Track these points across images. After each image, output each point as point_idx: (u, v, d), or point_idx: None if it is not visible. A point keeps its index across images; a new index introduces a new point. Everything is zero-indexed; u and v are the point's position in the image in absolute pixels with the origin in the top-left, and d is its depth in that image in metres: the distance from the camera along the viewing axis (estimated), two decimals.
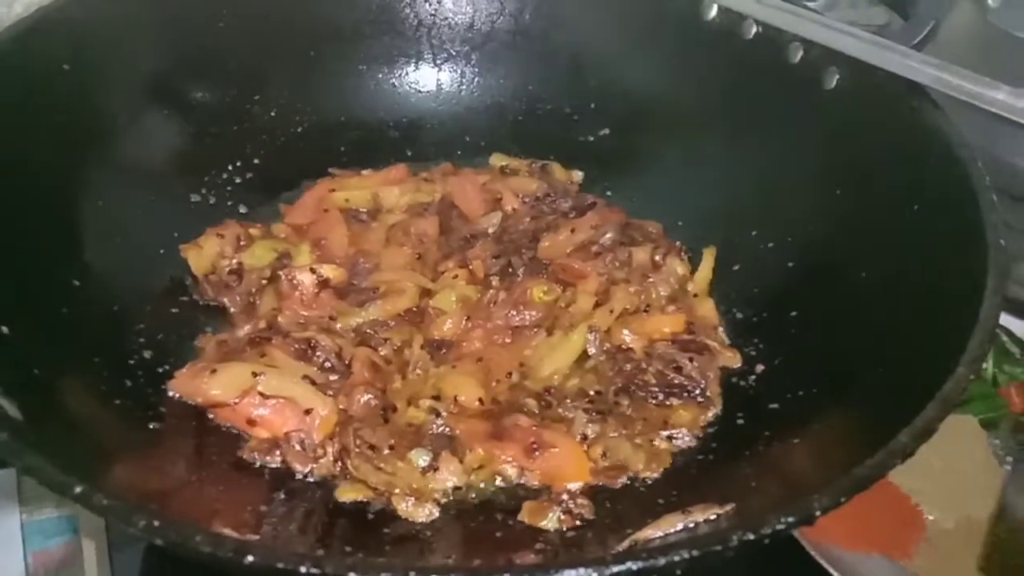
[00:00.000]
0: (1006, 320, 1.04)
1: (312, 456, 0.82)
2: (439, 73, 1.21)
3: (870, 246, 0.88)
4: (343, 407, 0.85)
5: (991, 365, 1.04)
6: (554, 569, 0.54)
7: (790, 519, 0.57)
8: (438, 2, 1.19)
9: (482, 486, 0.82)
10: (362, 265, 1.01)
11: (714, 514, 0.70)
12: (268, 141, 1.13)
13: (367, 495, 0.80)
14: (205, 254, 0.99)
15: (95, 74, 0.98)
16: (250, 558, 0.54)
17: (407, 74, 1.20)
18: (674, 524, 0.70)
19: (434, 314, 0.96)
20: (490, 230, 1.07)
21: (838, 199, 0.94)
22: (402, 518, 0.78)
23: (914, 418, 0.63)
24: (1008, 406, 1.01)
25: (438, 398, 0.87)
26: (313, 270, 0.96)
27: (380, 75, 1.20)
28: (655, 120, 1.12)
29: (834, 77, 0.96)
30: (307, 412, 0.83)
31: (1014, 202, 0.99)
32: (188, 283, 0.99)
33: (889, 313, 0.81)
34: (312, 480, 0.82)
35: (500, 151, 1.17)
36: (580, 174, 1.15)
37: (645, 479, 0.83)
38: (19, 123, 0.89)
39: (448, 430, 0.85)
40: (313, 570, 0.53)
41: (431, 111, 1.20)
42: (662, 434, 0.86)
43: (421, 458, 0.82)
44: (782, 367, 0.90)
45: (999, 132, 0.87)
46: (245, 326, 0.93)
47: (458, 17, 1.20)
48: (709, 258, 1.03)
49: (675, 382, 0.90)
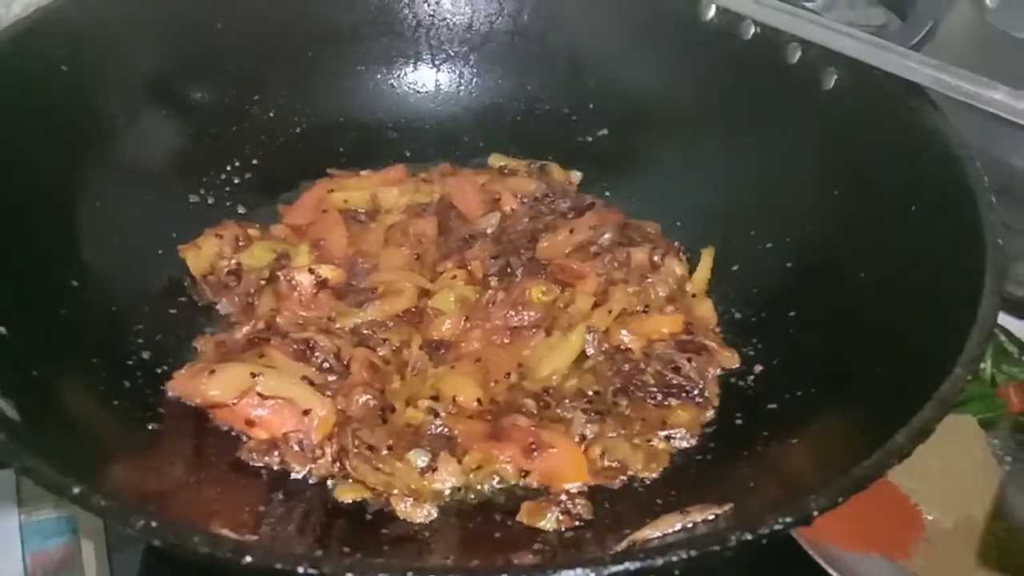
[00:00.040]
0: (1004, 320, 1.04)
1: (310, 456, 0.82)
2: (437, 74, 1.21)
3: (868, 246, 0.88)
4: (341, 407, 0.85)
5: (989, 365, 1.04)
6: (552, 569, 0.54)
7: (787, 519, 0.57)
8: (436, 3, 1.19)
9: (480, 487, 0.82)
10: (361, 265, 1.01)
11: (712, 514, 0.70)
12: (267, 142, 1.13)
13: (365, 495, 0.80)
14: (204, 255, 0.99)
15: (93, 75, 0.98)
16: (248, 559, 0.54)
17: (406, 75, 1.20)
18: (672, 524, 0.70)
19: (433, 314, 0.96)
20: (489, 230, 1.07)
21: (836, 199, 0.94)
22: (400, 518, 0.78)
23: (911, 418, 0.63)
24: (1007, 406, 1.01)
25: (437, 398, 0.87)
26: (312, 271, 0.96)
27: (379, 76, 1.20)
28: (653, 120, 1.12)
29: (832, 77, 0.96)
30: (305, 413, 0.83)
31: (1012, 202, 0.99)
32: (187, 284, 0.99)
33: (887, 313, 0.81)
34: (310, 481, 0.82)
35: (499, 151, 1.17)
36: (579, 174, 1.15)
37: (643, 479, 0.83)
38: (18, 124, 0.89)
39: (447, 430, 0.85)
40: (311, 570, 0.53)
41: (430, 112, 1.20)
42: (660, 434, 0.86)
43: (420, 458, 0.82)
44: (780, 367, 0.90)
45: (997, 132, 0.87)
46: (244, 327, 0.93)
47: (456, 18, 1.20)
48: (707, 258, 1.03)
49: (673, 382, 0.90)
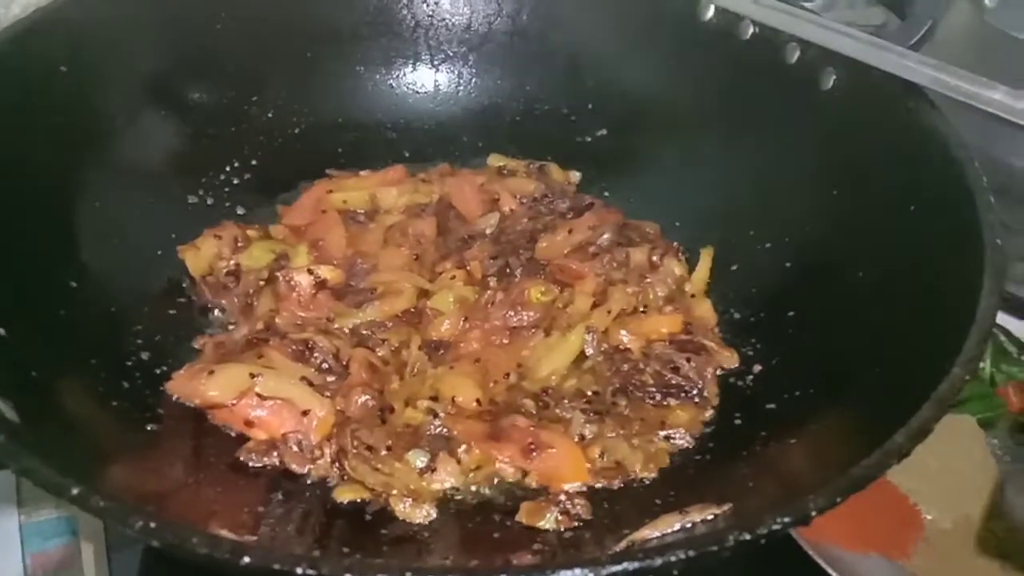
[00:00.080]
0: (1004, 319, 1.04)
1: (310, 457, 0.82)
2: (436, 74, 1.21)
3: (867, 246, 0.88)
4: (340, 408, 0.85)
5: (989, 364, 1.04)
6: (551, 569, 0.54)
7: (786, 519, 0.57)
8: (435, 3, 1.19)
9: (479, 487, 0.82)
10: (360, 266, 1.01)
11: (711, 514, 0.70)
12: (266, 142, 1.13)
13: (365, 496, 0.80)
14: (203, 255, 0.99)
15: (93, 75, 0.98)
16: (246, 559, 0.54)
17: (404, 75, 1.20)
18: (671, 524, 0.70)
19: (432, 315, 0.96)
20: (488, 231, 1.07)
21: (835, 199, 0.94)
22: (400, 519, 0.78)
23: (910, 418, 0.63)
24: (1006, 405, 1.01)
25: (436, 399, 0.87)
26: (311, 271, 0.96)
27: (377, 76, 1.19)
28: (652, 121, 1.12)
29: (831, 77, 0.96)
30: (305, 413, 0.83)
31: (1011, 202, 0.99)
32: (186, 284, 0.99)
33: (886, 313, 0.81)
34: (310, 481, 0.82)
35: (498, 152, 1.17)
36: (577, 175, 1.15)
37: (643, 479, 0.83)
38: (17, 124, 0.89)
39: (446, 431, 0.84)
40: (309, 571, 0.53)
41: (429, 112, 1.20)
42: (660, 434, 0.86)
43: (419, 459, 0.82)
44: (779, 367, 0.90)
45: (996, 132, 0.87)
46: (243, 327, 0.93)
47: (455, 18, 1.20)
48: (706, 258, 1.03)
49: (672, 382, 0.90)
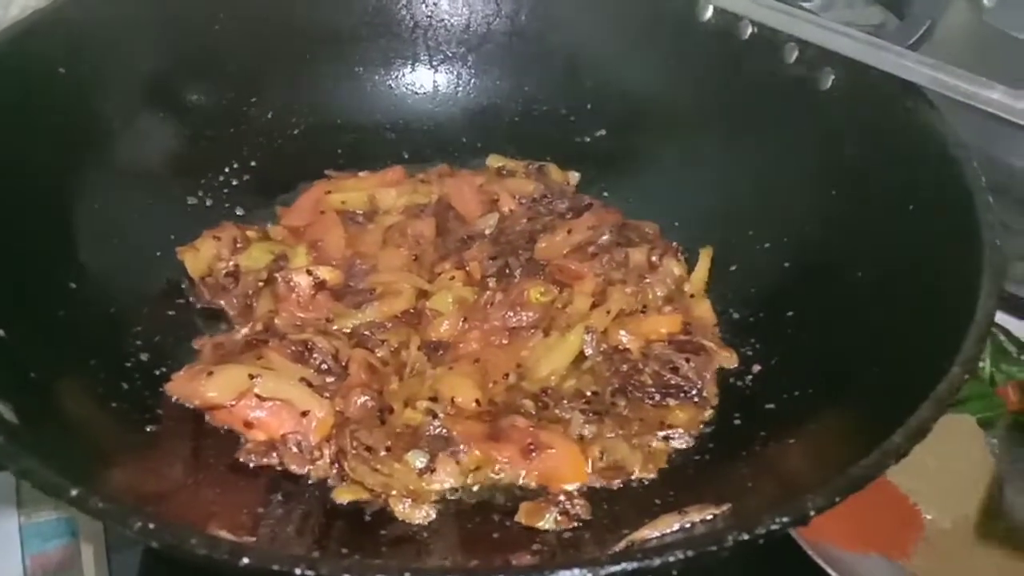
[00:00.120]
0: (1004, 319, 1.04)
1: (309, 458, 0.82)
2: (435, 75, 1.21)
3: (866, 246, 0.88)
4: (340, 409, 0.85)
5: (988, 364, 1.03)
6: (550, 570, 0.54)
7: (785, 519, 0.57)
8: (434, 4, 1.19)
9: (479, 487, 0.82)
10: (359, 267, 1.01)
11: (710, 514, 0.70)
12: (264, 143, 1.13)
13: (364, 496, 0.80)
14: (202, 256, 0.99)
15: (92, 76, 0.98)
16: (245, 560, 0.54)
17: (403, 76, 1.20)
18: (670, 524, 0.70)
19: (431, 315, 0.96)
20: (487, 231, 1.07)
21: (834, 199, 0.94)
22: (399, 519, 0.78)
23: (909, 418, 0.63)
24: (1006, 405, 1.01)
25: (435, 399, 0.87)
26: (310, 272, 0.96)
27: (376, 77, 1.19)
28: (651, 121, 1.12)
29: (829, 77, 0.96)
30: (304, 414, 0.83)
31: (1010, 202, 0.99)
32: (185, 286, 0.99)
33: (885, 313, 0.81)
34: (309, 482, 0.82)
35: (497, 152, 1.17)
36: (577, 175, 1.15)
37: (642, 479, 0.83)
38: (16, 125, 0.89)
39: (445, 431, 0.84)
40: (308, 572, 0.53)
41: (427, 113, 1.20)
42: (659, 434, 0.86)
43: (418, 459, 0.82)
44: (778, 367, 0.90)
45: (995, 132, 0.87)
46: (242, 328, 0.93)
47: (454, 19, 1.20)
48: (705, 258, 1.03)
49: (672, 382, 0.90)
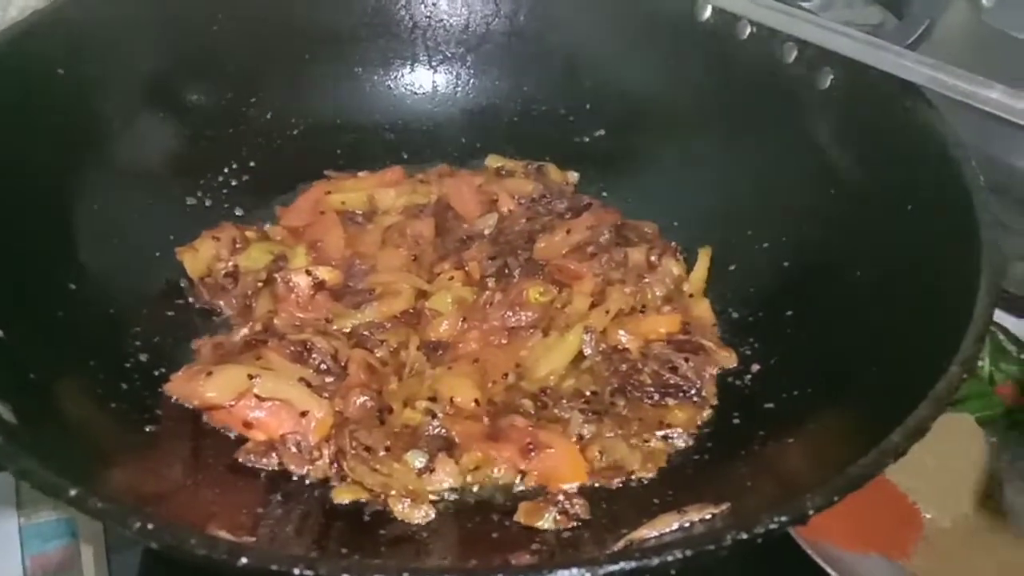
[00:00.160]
0: (1002, 318, 1.04)
1: (308, 458, 0.82)
2: (434, 75, 1.21)
3: (865, 246, 0.88)
4: (339, 409, 0.85)
5: (988, 363, 1.03)
6: (549, 569, 0.54)
7: (783, 518, 0.57)
8: (433, 4, 1.19)
9: (478, 487, 0.82)
10: (358, 267, 1.01)
11: (709, 514, 0.70)
12: (264, 144, 1.13)
13: (363, 497, 0.80)
14: (201, 257, 0.99)
15: (91, 77, 0.98)
16: (244, 560, 0.54)
17: (402, 76, 1.20)
18: (669, 524, 0.70)
19: (430, 315, 0.96)
20: (486, 231, 1.07)
21: (833, 199, 0.94)
22: (398, 519, 0.78)
23: (907, 417, 0.63)
24: (1004, 404, 1.01)
25: (434, 399, 0.87)
26: (309, 272, 0.96)
27: (376, 77, 1.20)
28: (650, 121, 1.12)
29: (828, 77, 0.96)
30: (303, 414, 0.83)
31: (1009, 202, 0.99)
32: (184, 286, 0.99)
33: (884, 313, 0.81)
34: (308, 482, 0.82)
35: (496, 152, 1.17)
36: (576, 175, 1.15)
37: (641, 479, 0.83)
38: (15, 125, 0.89)
39: (444, 431, 0.85)
40: (307, 572, 0.53)
41: (427, 113, 1.21)
42: (658, 434, 0.86)
43: (417, 459, 0.82)
44: (777, 367, 0.90)
45: (994, 132, 0.87)
46: (241, 329, 0.93)
47: (453, 19, 1.20)
48: (705, 258, 1.03)
49: (671, 382, 0.90)
